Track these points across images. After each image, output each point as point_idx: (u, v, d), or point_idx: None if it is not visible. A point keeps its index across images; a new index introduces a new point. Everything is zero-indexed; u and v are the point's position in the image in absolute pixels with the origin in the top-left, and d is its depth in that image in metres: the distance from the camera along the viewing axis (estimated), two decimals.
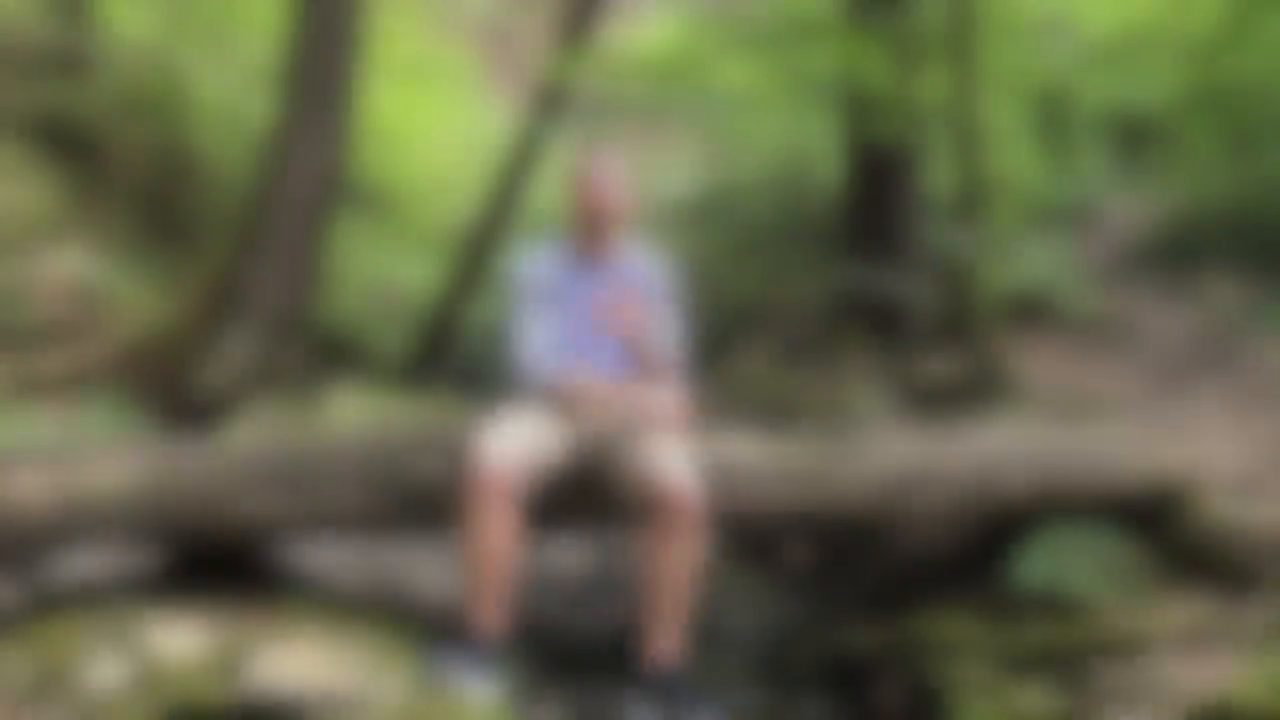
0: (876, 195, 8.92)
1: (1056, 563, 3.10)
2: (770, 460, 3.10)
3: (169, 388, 5.80)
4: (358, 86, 5.98)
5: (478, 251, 9.90)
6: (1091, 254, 11.98)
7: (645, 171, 15.80)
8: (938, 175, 10.07)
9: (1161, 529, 3.32)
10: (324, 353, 9.88)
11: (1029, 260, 9.52)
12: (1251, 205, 10.48)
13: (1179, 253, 10.79)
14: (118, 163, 8.34)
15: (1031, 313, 9.00)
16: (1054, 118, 14.80)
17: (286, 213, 5.79)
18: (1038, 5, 11.19)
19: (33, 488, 2.58)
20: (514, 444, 2.75)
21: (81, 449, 2.95)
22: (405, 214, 13.29)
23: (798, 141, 13.36)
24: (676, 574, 2.78)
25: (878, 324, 8.89)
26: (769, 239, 14.06)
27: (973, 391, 6.29)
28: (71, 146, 7.90)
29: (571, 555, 4.54)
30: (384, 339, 11.32)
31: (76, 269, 6.43)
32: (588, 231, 3.18)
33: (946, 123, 9.81)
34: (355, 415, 6.91)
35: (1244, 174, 10.31)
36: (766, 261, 13.32)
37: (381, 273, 13.31)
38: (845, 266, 9.25)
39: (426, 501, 2.85)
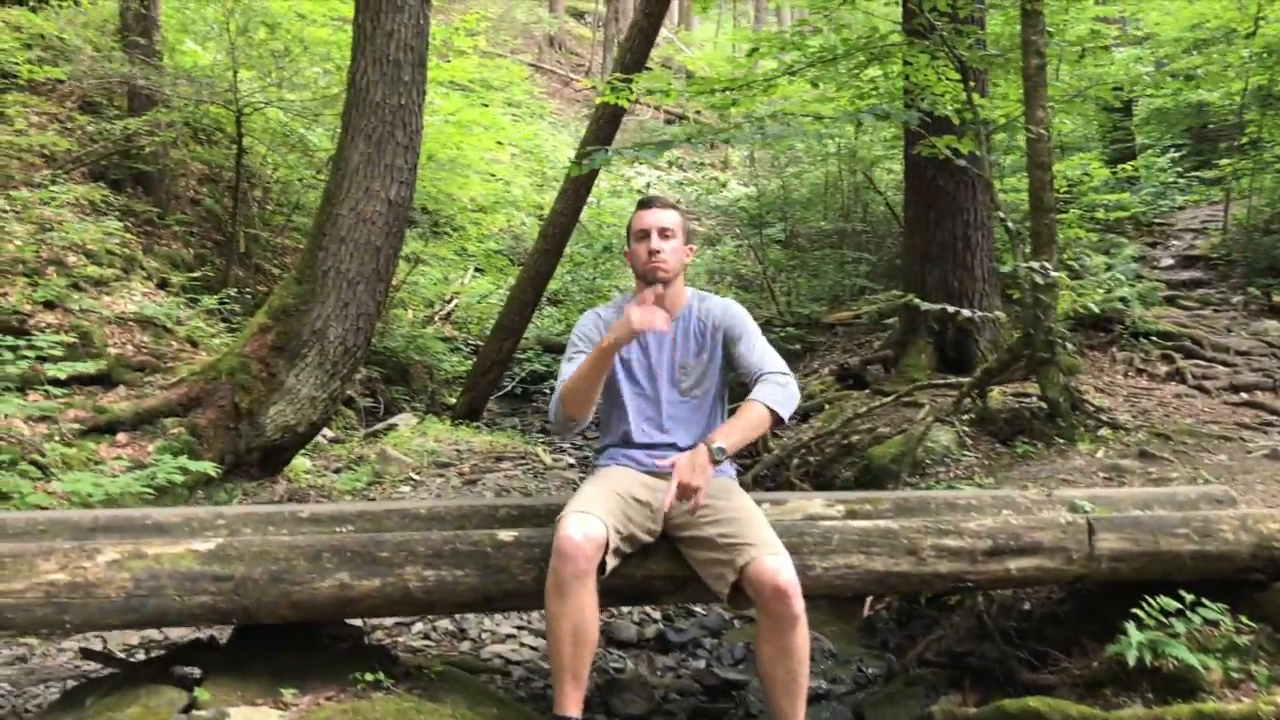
0: (939, 213, 8.75)
1: (1160, 636, 2.94)
2: (853, 527, 2.97)
3: (234, 424, 5.82)
4: (420, 122, 5.93)
5: (535, 275, 9.83)
6: (1161, 265, 11.68)
7: (698, 179, 15.72)
8: (1004, 194, 9.88)
9: (1273, 598, 3.15)
10: (385, 376, 9.94)
11: (1098, 276, 9.29)
12: None
13: (1252, 263, 10.48)
14: (182, 195, 8.42)
15: (1101, 329, 8.77)
16: (1120, 125, 14.48)
17: (349, 251, 5.76)
18: (1105, 14, 10.93)
19: (110, 566, 2.55)
20: (598, 519, 2.66)
21: (155, 516, 2.91)
22: (463, 232, 13.32)
23: (856, 153, 13.22)
24: (797, 665, 2.67)
25: (943, 345, 8.74)
26: (826, 249, 13.91)
27: (1049, 423, 6.10)
28: (137, 180, 7.99)
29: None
30: (443, 361, 11.36)
31: (143, 305, 6.48)
32: (647, 286, 3.08)
33: (1015, 140, 9.61)
34: (415, 446, 6.91)
35: None
36: (825, 274, 13.17)
37: (440, 291, 13.39)
38: (906, 284, 9.10)
39: (507, 581, 2.76)
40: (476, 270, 14.68)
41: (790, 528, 2.87)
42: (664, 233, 3.05)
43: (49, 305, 5.96)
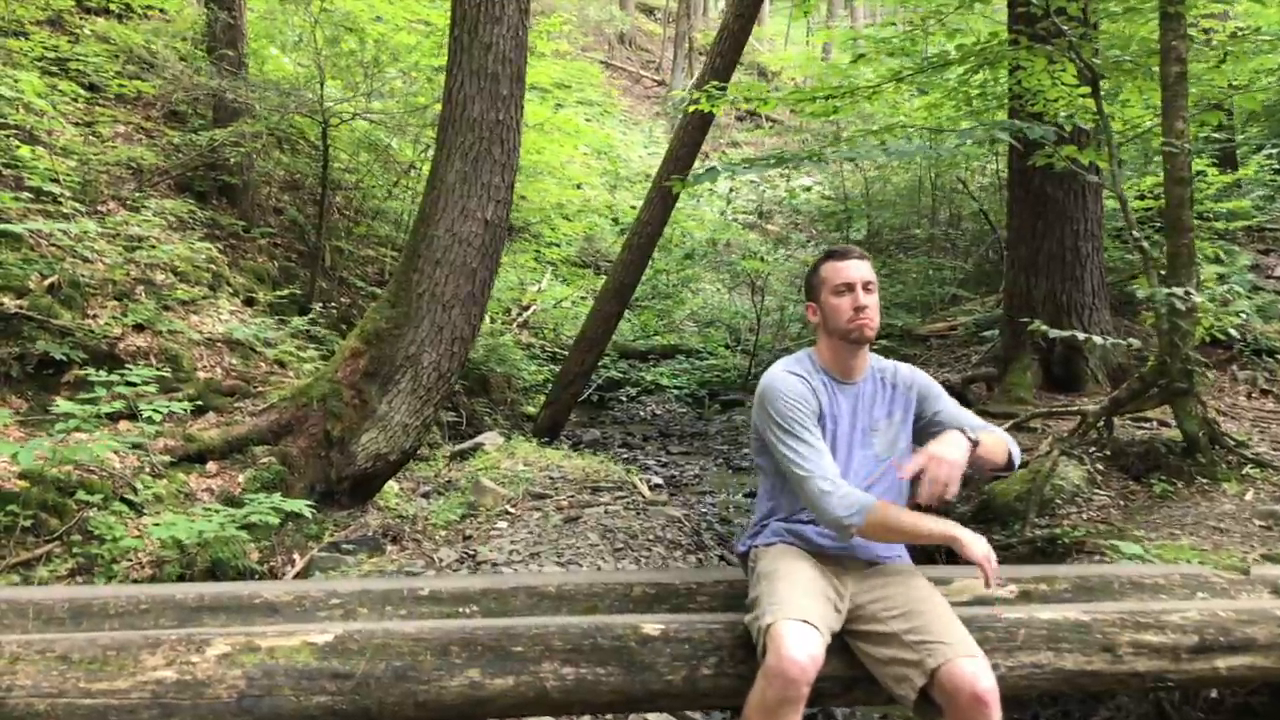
0: (1047, 223, 8.32)
1: None
2: (1040, 620, 2.62)
3: (325, 453, 5.62)
4: (518, 138, 5.67)
5: (619, 287, 9.55)
6: (1276, 275, 11.04)
7: (777, 179, 15.37)
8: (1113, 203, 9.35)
9: None
10: (466, 388, 9.74)
11: (1213, 289, 8.77)
12: None
13: None
14: (265, 205, 8.28)
15: (1219, 346, 8.22)
16: (1223, 124, 13.72)
17: (445, 273, 5.52)
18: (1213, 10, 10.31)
19: (221, 661, 2.31)
20: (819, 633, 2.32)
21: (265, 594, 2.67)
22: (541, 237, 13.12)
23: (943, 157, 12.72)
24: None
25: (1050, 363, 8.31)
26: (917, 255, 13.44)
27: (1186, 458, 5.65)
28: (222, 191, 7.86)
29: None
30: (522, 369, 11.14)
31: (231, 326, 6.32)
32: (844, 345, 2.76)
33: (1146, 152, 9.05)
34: (505, 470, 6.67)
35: None
36: (913, 281, 12.71)
37: (517, 297, 13.19)
38: (1010, 296, 8.67)
39: (654, 681, 2.47)
40: (553, 275, 14.47)
41: (970, 620, 2.54)
42: (868, 286, 2.74)
43: (138, 327, 5.81)
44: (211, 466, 5.35)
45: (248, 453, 5.47)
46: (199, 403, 5.59)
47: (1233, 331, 5.94)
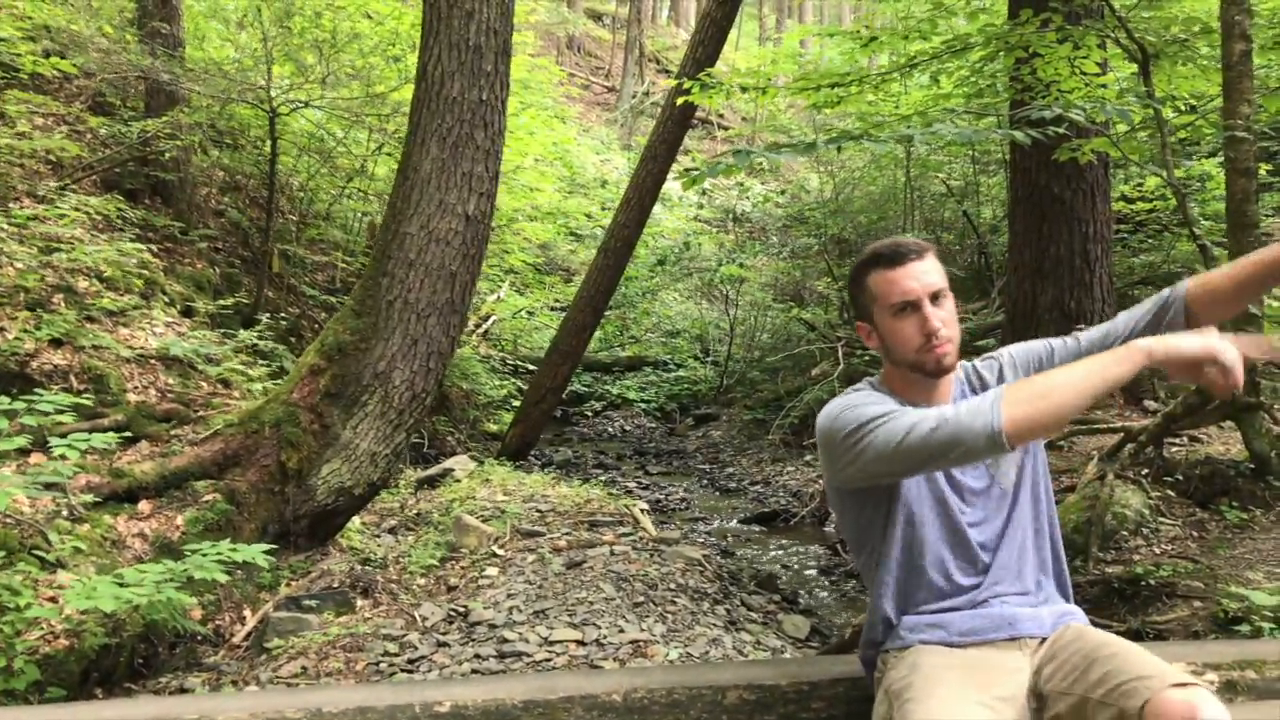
0: (1053, 225, 7.77)
1: None
2: None
3: (280, 487, 4.81)
4: (504, 121, 4.93)
5: (595, 294, 8.82)
6: None
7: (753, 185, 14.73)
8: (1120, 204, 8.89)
9: None
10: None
11: None
12: None
13: None
14: (203, 206, 7.42)
15: None
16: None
17: (419, 277, 4.75)
18: None
19: None
20: None
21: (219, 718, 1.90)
22: (502, 243, 12.33)
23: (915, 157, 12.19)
24: None
25: None
26: None
27: (1258, 481, 5.06)
28: (155, 190, 6.99)
29: None
30: (485, 385, 10.37)
31: (166, 340, 5.47)
32: (919, 377, 1.94)
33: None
34: (483, 500, 5.90)
35: None
36: None
37: (477, 306, 12.39)
38: (1014, 304, 8.15)
39: None
40: (510, 285, 13.69)
41: None
42: (937, 298, 1.90)
43: (55, 342, 4.95)
44: (144, 506, 4.51)
45: (188, 489, 4.64)
46: (128, 431, 4.75)
47: None
